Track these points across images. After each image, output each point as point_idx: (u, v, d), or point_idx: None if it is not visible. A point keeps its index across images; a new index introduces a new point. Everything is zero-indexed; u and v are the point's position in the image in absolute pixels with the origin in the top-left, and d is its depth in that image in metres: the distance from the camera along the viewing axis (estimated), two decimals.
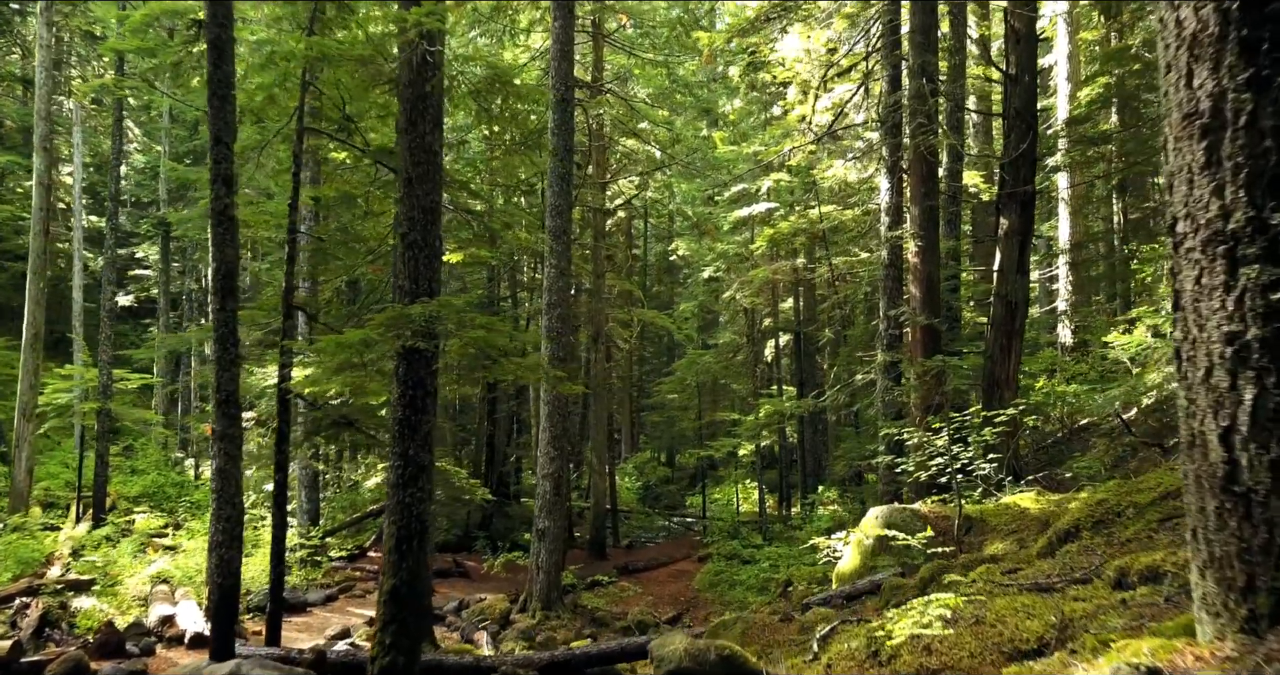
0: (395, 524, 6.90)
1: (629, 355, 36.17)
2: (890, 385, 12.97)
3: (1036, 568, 5.00)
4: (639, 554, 22.41)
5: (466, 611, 14.09)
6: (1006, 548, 7.44)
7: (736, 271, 25.27)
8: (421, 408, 7.04)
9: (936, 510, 8.72)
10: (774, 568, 16.97)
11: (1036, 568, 5.00)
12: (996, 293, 12.54)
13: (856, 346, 22.00)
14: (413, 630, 6.80)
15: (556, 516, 14.50)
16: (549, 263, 14.78)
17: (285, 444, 9.19)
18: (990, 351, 12.53)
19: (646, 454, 37.65)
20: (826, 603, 7.92)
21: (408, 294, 7.02)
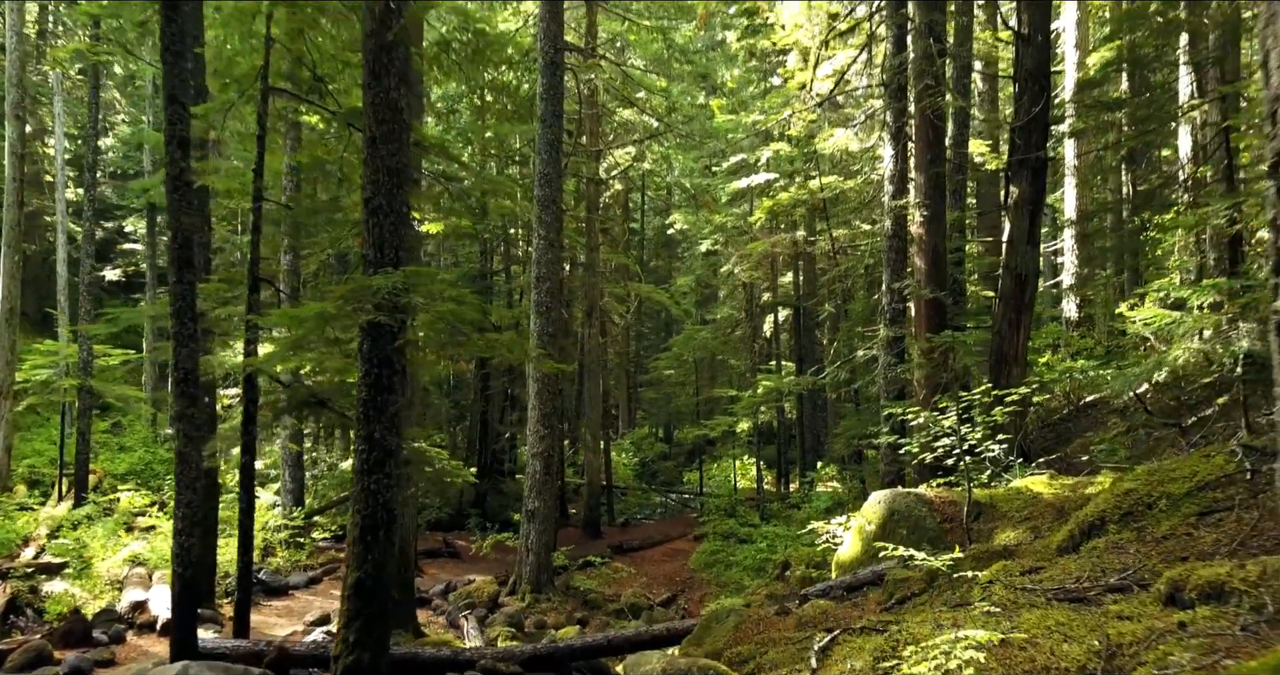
0: (360, 513, 6.38)
1: (626, 331, 35.65)
2: (893, 362, 12.43)
3: (1061, 567, 4.48)
4: (634, 532, 22.00)
5: (454, 594, 13.65)
6: (1019, 537, 6.93)
7: (735, 245, 24.65)
8: (388, 387, 6.50)
9: (942, 495, 8.21)
10: (771, 548, 16.54)
11: (1061, 567, 4.48)
12: (1005, 265, 11.97)
13: (857, 321, 21.44)
14: (379, 626, 6.31)
15: (547, 497, 14.03)
16: (537, 234, 14.19)
17: (252, 425, 8.67)
18: (998, 327, 11.97)
19: (644, 430, 37.24)
20: (826, 593, 7.44)
21: (372, 264, 6.46)
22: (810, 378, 14.77)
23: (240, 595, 8.53)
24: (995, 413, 8.12)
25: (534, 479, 14.03)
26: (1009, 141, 12.30)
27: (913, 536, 7.84)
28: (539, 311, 14.06)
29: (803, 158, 21.40)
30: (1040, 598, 3.79)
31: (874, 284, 22.22)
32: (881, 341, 12.64)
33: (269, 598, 13.10)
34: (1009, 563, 5.01)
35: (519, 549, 14.14)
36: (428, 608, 13.28)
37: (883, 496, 8.33)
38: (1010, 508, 7.75)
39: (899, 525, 7.99)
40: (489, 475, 26.08)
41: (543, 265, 14.11)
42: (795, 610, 7.08)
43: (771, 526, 18.26)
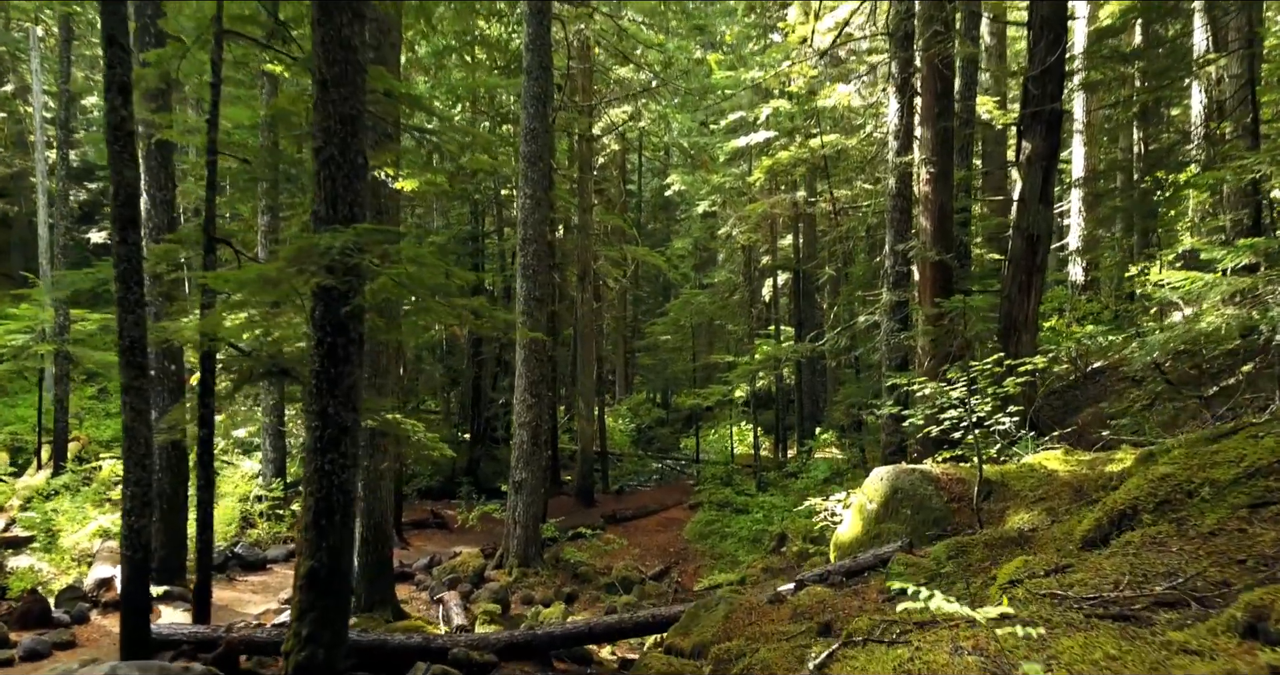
0: (313, 496, 5.81)
1: (622, 295, 35.00)
2: (895, 328, 11.82)
3: (1092, 567, 3.91)
4: (628, 501, 21.56)
5: (438, 568, 13.18)
6: (1035, 519, 6.37)
7: (733, 206, 23.91)
8: (344, 358, 5.90)
9: (949, 471, 7.65)
10: (768, 519, 16.08)
11: (1092, 567, 3.91)
12: (1016, 225, 11.31)
13: (858, 285, 20.80)
14: (336, 620, 5.78)
15: (535, 467, 13.51)
16: (523, 192, 13.50)
17: (209, 396, 8.08)
18: (1007, 290, 11.35)
19: (641, 396, 36.75)
20: (824, 579, 6.90)
21: (324, 221, 5.82)
22: (809, 344, 14.17)
23: (200, 577, 8.01)
24: (1007, 384, 7.54)
25: (521, 449, 13.49)
26: (1021, 92, 11.57)
27: (917, 517, 7.31)
28: (525, 275, 13.42)
29: (803, 115, 20.61)
30: (1076, 612, 3.22)
31: (875, 246, 21.54)
32: (884, 306, 12.02)
33: (246, 572, 12.63)
34: (1029, 558, 4.43)
35: (506, 521, 13.65)
36: (410, 582, 12.82)
37: (885, 473, 7.77)
38: (1023, 487, 7.19)
39: (903, 505, 7.45)
40: (482, 442, 25.62)
41: (529, 226, 13.44)
42: (790, 598, 6.55)
43: (768, 496, 17.81)
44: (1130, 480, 4.99)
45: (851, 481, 15.67)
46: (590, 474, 20.95)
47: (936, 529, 7.15)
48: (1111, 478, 6.51)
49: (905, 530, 7.28)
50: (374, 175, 10.20)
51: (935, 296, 11.53)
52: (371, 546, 10.40)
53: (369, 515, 10.41)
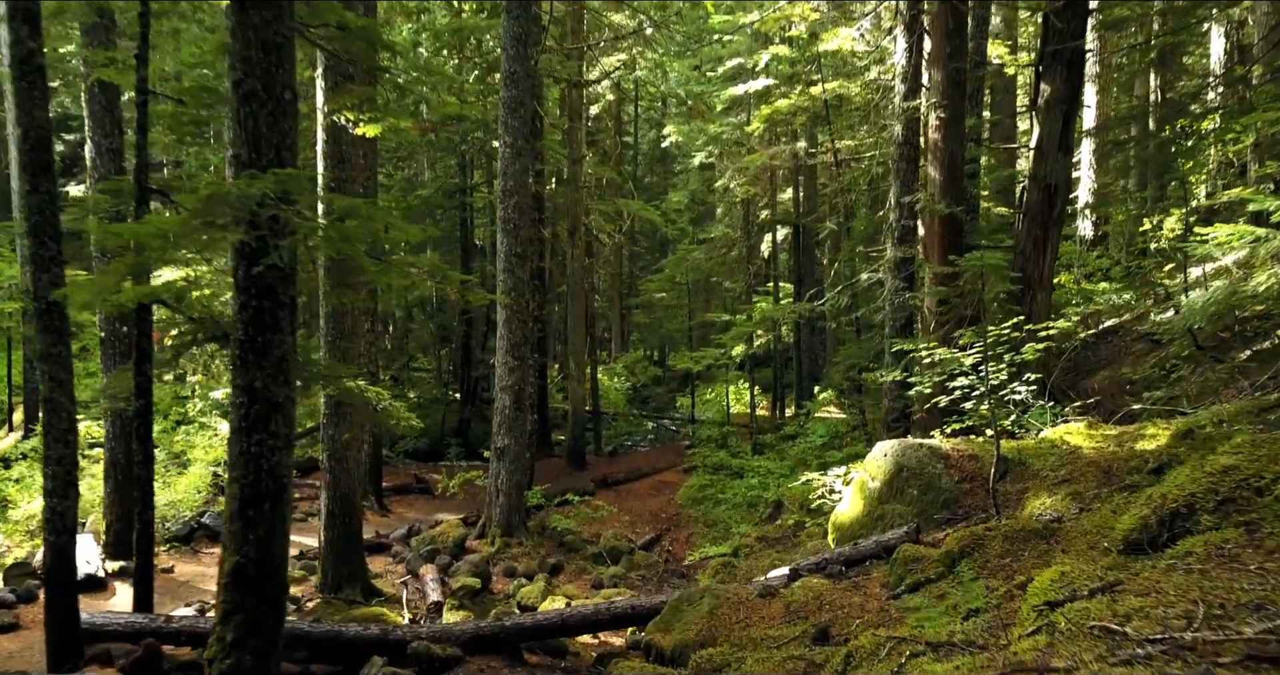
0: (239, 482, 5.09)
1: (618, 250, 34.10)
2: (900, 286, 11.03)
3: (1148, 584, 3.18)
4: (621, 463, 20.95)
5: (416, 539, 12.56)
6: (1059, 505, 5.66)
7: (731, 157, 22.91)
8: (272, 324, 5.13)
9: (960, 447, 6.94)
10: (763, 485, 15.45)
11: (1148, 584, 3.18)
12: (1032, 174, 10.48)
13: (859, 241, 19.95)
14: (268, 622, 5.09)
15: (518, 433, 12.83)
16: (503, 141, 12.61)
17: (146, 363, 7.34)
18: (1021, 246, 10.56)
19: (638, 353, 36.04)
20: (821, 568, 6.22)
21: (246, 165, 5.02)
22: (808, 304, 13.39)
23: (140, 562, 7.34)
24: (1025, 350, 6.79)
25: (503, 414, 12.79)
26: (1041, 29, 10.64)
27: (925, 498, 6.61)
28: (506, 229, 12.59)
29: (804, 61, 19.55)
30: (1144, 668, 2.50)
31: (878, 200, 20.61)
32: (888, 263, 11.22)
33: (214, 543, 12.01)
34: (1066, 567, 3.71)
35: (488, 489, 13.01)
36: (387, 554, 12.21)
37: (890, 448, 7.05)
38: (1044, 465, 6.48)
39: (908, 484, 6.75)
40: (472, 402, 24.98)
41: (510, 177, 12.57)
42: (783, 591, 5.88)
43: (764, 459, 17.17)
44: (1181, 471, 4.26)
45: (851, 445, 15.03)
46: (581, 436, 20.31)
47: (946, 512, 6.46)
48: (1146, 458, 5.79)
49: (911, 513, 6.59)
50: (334, 121, 9.34)
51: (944, 252, 10.73)
52: (338, 520, 9.76)
53: (335, 487, 9.74)
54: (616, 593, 11.02)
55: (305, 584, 10.02)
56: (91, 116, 10.26)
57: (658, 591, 11.81)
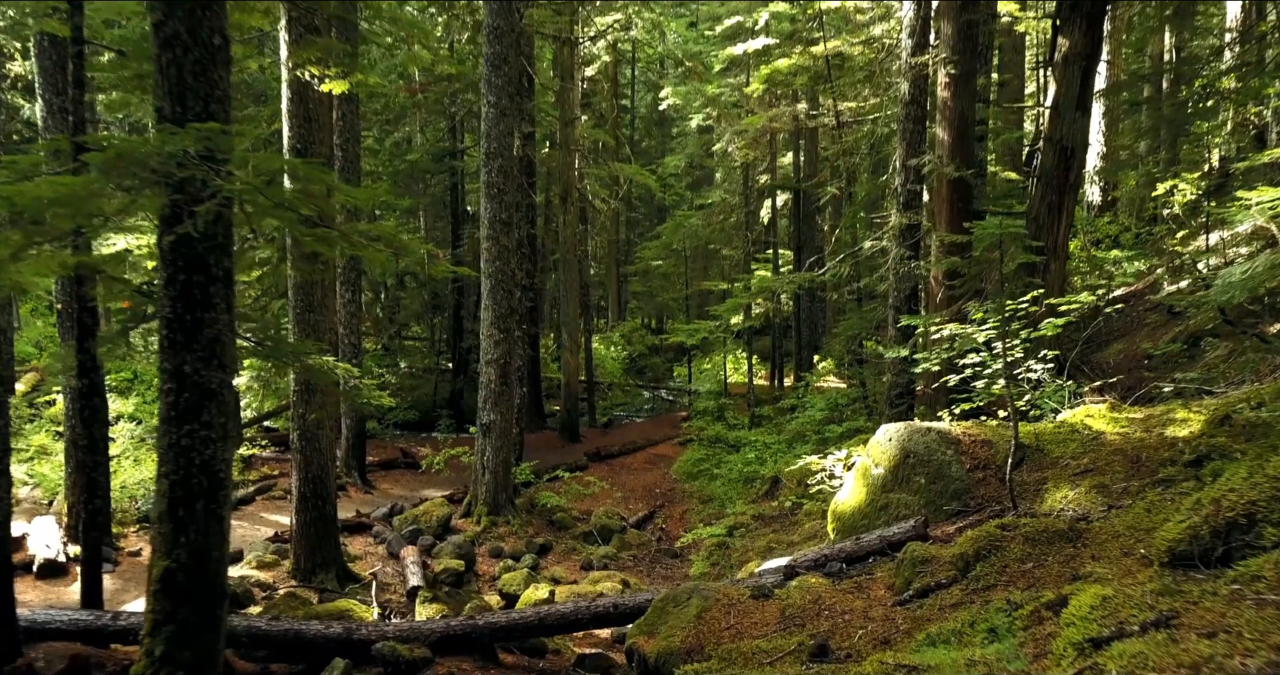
0: (168, 478, 4.54)
1: (615, 216, 33.38)
2: (906, 255, 10.42)
3: (1212, 617, 2.65)
4: (615, 436, 20.47)
5: (399, 518, 12.08)
6: (1083, 500, 5.13)
7: (729, 120, 22.15)
8: (203, 301, 4.55)
9: (971, 431, 6.38)
10: (760, 460, 14.96)
11: (1212, 617, 2.65)
12: (1048, 136, 9.83)
13: (862, 206, 19.29)
14: (204, 635, 4.57)
15: (504, 408, 12.29)
16: (487, 101, 11.92)
17: (90, 339, 6.77)
18: (1034, 212, 9.94)
19: (635, 322, 35.38)
20: (819, 565, 5.70)
21: (170, 119, 4.40)
22: (808, 273, 12.79)
23: (87, 554, 6.82)
24: (1044, 326, 6.22)
25: (489, 389, 12.25)
26: None
27: (933, 487, 6.07)
28: (490, 194, 11.95)
29: (805, 18, 18.75)
30: None
31: (880, 165, 19.91)
32: (892, 230, 10.59)
33: None
34: (1106, 591, 3.16)
35: (474, 466, 12.51)
36: (368, 534, 11.73)
37: (894, 432, 6.50)
38: (1063, 452, 5.93)
39: (915, 472, 6.21)
40: (464, 373, 24.43)
41: (493, 139, 11.90)
42: (778, 592, 5.36)
43: (762, 432, 16.67)
44: (1234, 472, 3.71)
45: (851, 419, 14.52)
46: (575, 408, 19.81)
47: (956, 503, 5.93)
48: (1179, 446, 5.24)
49: (918, 503, 6.06)
50: (298, 76, 8.68)
51: (952, 219, 10.12)
52: (310, 503, 9.24)
53: (306, 468, 9.22)
54: (606, 576, 10.57)
55: (278, 569, 9.54)
56: (42, 73, 9.58)
57: (649, 574, 11.37)
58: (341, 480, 14.24)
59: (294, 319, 9.10)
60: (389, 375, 25.27)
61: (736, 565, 10.47)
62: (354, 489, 14.13)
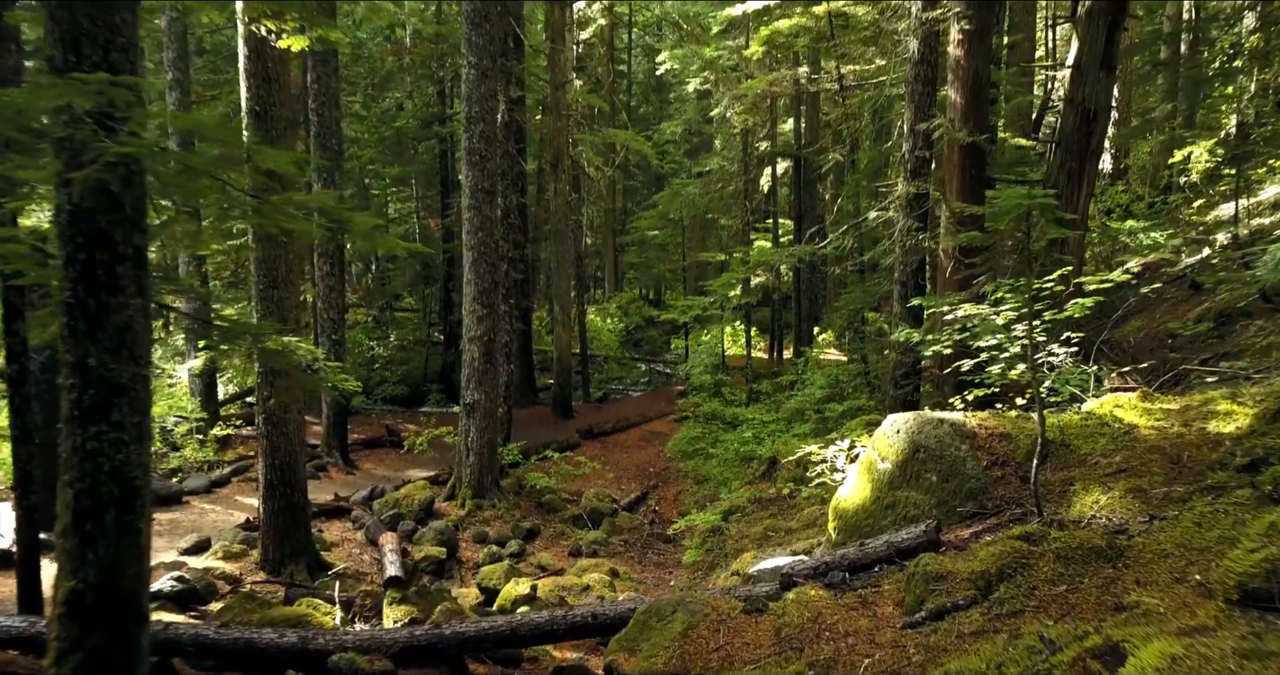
0: (71, 487, 3.95)
1: (612, 185, 32.61)
2: (914, 226, 9.77)
3: None
4: (609, 411, 19.93)
5: (379, 501, 11.54)
6: (1119, 506, 4.55)
7: (727, 84, 21.31)
8: (108, 283, 3.93)
9: (988, 423, 5.79)
10: (757, 438, 14.42)
11: None
12: (1069, 97, 9.15)
13: (865, 174, 18.56)
14: (116, 666, 4.01)
15: (489, 387, 11.71)
16: (467, 61, 11.20)
17: (18, 322, 6.16)
18: (1052, 179, 9.29)
19: (633, 292, 34.67)
20: (820, 574, 5.14)
21: (63, 70, 3.74)
22: (809, 246, 12.11)
23: (22, 553, 6.27)
24: (1071, 307, 5.59)
25: (472, 367, 11.67)
26: None
27: (946, 486, 5.49)
28: (472, 162, 11.27)
29: None
30: None
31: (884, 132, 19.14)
32: (899, 200, 9.93)
33: (156, 508, 10.93)
34: (1174, 649, 2.58)
35: (458, 447, 11.96)
36: (346, 519, 11.21)
37: (903, 424, 5.91)
38: (1092, 449, 5.35)
39: (926, 468, 5.63)
40: (455, 346, 23.81)
41: (475, 102, 11.19)
42: (773, 606, 4.80)
43: (760, 409, 16.10)
44: None
45: (853, 397, 13.94)
46: (568, 384, 19.24)
47: (972, 504, 5.36)
48: (1227, 446, 4.65)
49: (929, 503, 5.49)
50: (254, 31, 7.97)
51: (964, 188, 9.46)
52: (278, 492, 8.69)
53: (272, 455, 8.65)
54: (594, 564, 10.06)
55: (245, 559, 9.01)
56: None
57: (639, 561, 10.86)
58: (322, 460, 13.71)
59: (256, 296, 8.49)
60: (380, 348, 24.70)
61: (731, 553, 9.95)
62: (335, 469, 13.60)
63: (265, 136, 8.25)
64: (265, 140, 8.29)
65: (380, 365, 23.30)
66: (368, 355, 23.91)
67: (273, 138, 8.30)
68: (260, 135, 8.26)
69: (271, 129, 8.28)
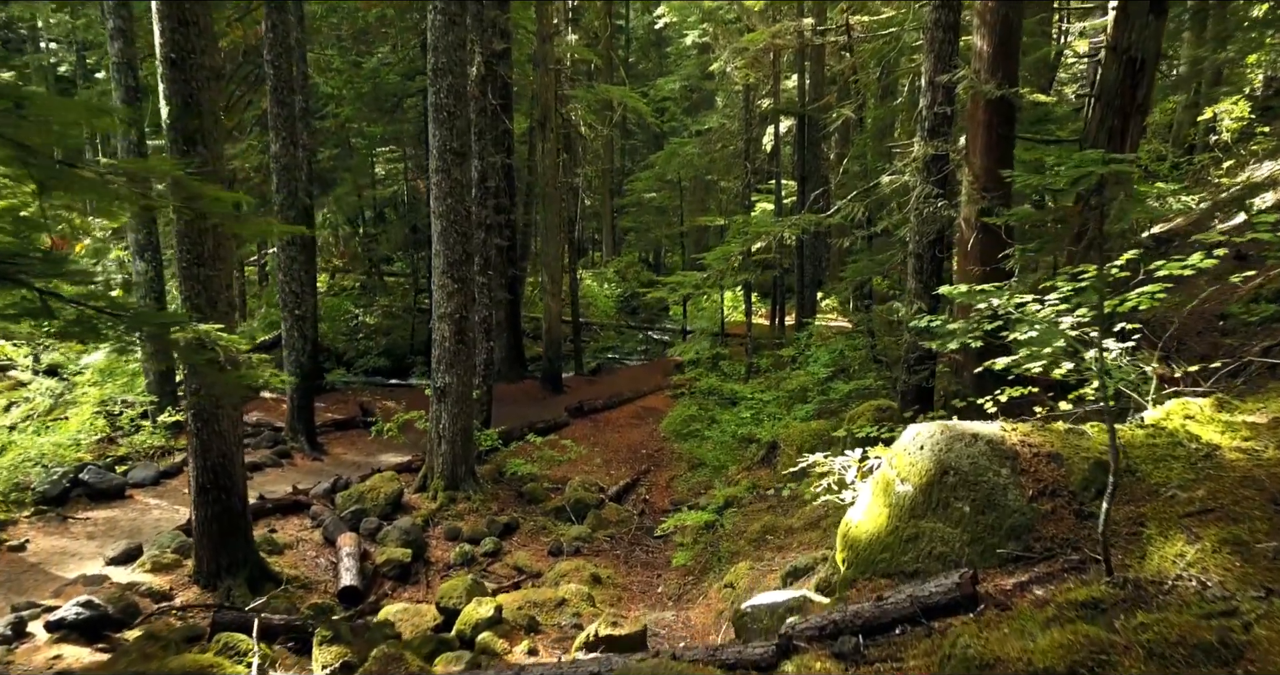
0: None
1: (609, 144, 31.31)
2: (931, 192, 8.64)
3: None
4: (602, 386, 18.94)
5: (343, 494, 10.57)
6: (1211, 566, 3.51)
7: (728, 36, 19.97)
8: None
9: (1032, 440, 4.74)
10: (756, 418, 13.43)
11: None
12: (1112, 45, 7.96)
13: (873, 132, 17.35)
14: None
15: (461, 370, 10.69)
16: (433, 6, 9.99)
17: None
18: (1091, 139, 8.14)
19: (631, 256, 33.45)
20: (826, 634, 4.13)
21: None
22: (815, 215, 10.98)
23: None
24: (1137, 297, 4.54)
25: (443, 347, 10.63)
26: None
27: (981, 519, 4.47)
28: (439, 119, 10.12)
29: None
30: None
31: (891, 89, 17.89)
32: (916, 162, 8.79)
33: (94, 504, 10.04)
34: None
35: (429, 435, 10.97)
36: (305, 514, 10.24)
37: (928, 438, 4.87)
38: (1164, 476, 4.30)
39: (956, 495, 4.60)
40: None
41: (441, 52, 10.01)
42: None
43: (759, 385, 15.06)
44: None
45: (860, 377, 12.91)
46: (557, 357, 18.22)
47: (1014, 544, 4.33)
48: None
49: (961, 540, 4.47)
50: None
51: (990, 149, 8.33)
52: (212, 496, 7.70)
53: (204, 455, 7.65)
54: (575, 567, 9.13)
55: (178, 571, 8.04)
56: None
57: (626, 561, 9.90)
58: (286, 445, 12.76)
59: (179, 276, 7.42)
60: (366, 316, 23.65)
61: (726, 557, 9.01)
62: (300, 456, 12.63)
63: (183, 88, 7.14)
64: (183, 93, 7.17)
65: (364, 336, 22.27)
66: (351, 324, 22.89)
67: (192, 90, 7.18)
68: (177, 87, 7.14)
69: (191, 80, 7.15)
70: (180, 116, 7.23)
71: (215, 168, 7.42)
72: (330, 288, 25.93)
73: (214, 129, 7.43)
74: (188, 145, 7.27)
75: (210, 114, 7.38)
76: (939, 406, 8.64)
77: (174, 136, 7.28)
